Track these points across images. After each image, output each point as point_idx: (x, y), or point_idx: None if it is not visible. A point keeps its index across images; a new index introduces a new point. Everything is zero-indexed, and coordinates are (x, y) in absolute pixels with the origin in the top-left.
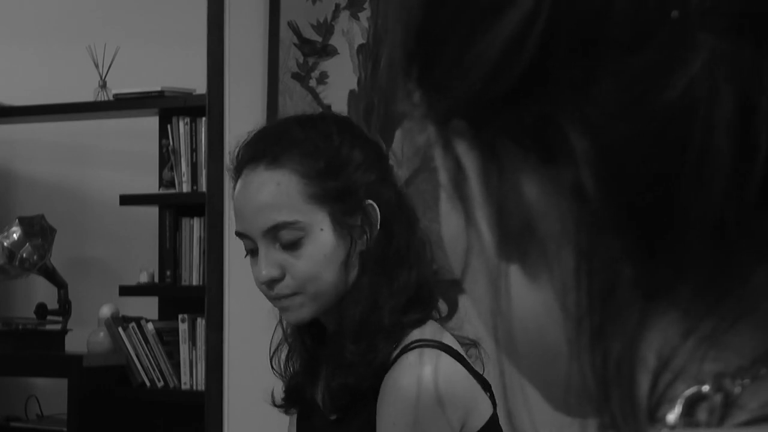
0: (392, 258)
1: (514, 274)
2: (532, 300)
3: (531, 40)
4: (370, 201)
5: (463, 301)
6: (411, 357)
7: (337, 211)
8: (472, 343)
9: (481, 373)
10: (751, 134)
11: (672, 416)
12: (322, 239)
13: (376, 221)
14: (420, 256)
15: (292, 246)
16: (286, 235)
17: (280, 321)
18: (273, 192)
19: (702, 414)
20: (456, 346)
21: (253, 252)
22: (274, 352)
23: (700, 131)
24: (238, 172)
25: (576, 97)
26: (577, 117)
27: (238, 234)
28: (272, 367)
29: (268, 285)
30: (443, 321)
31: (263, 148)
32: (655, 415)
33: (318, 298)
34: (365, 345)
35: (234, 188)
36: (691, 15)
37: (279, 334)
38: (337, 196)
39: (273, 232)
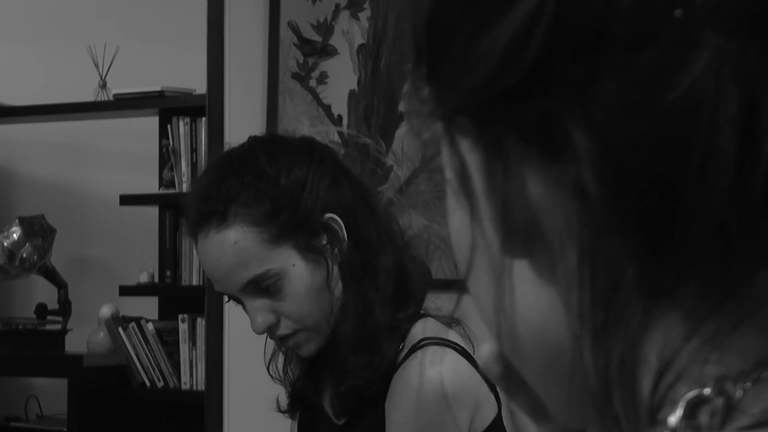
0: (368, 253)
1: (518, 271)
2: (536, 298)
3: (535, 38)
4: (329, 214)
5: (465, 300)
6: (420, 356)
7: (301, 240)
8: (455, 321)
9: (471, 352)
10: (755, 134)
11: (673, 419)
12: (298, 274)
13: (342, 232)
14: (390, 233)
15: (273, 292)
16: (263, 285)
17: None
18: (233, 252)
19: (703, 417)
20: (461, 342)
21: (236, 303)
22: (270, 359)
23: (704, 131)
24: (194, 238)
25: (580, 95)
26: (581, 115)
27: (220, 292)
28: (270, 374)
29: (269, 332)
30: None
31: (207, 210)
32: (656, 416)
33: (318, 328)
34: (367, 351)
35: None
36: (696, 13)
37: (272, 341)
38: (294, 226)
39: (249, 286)
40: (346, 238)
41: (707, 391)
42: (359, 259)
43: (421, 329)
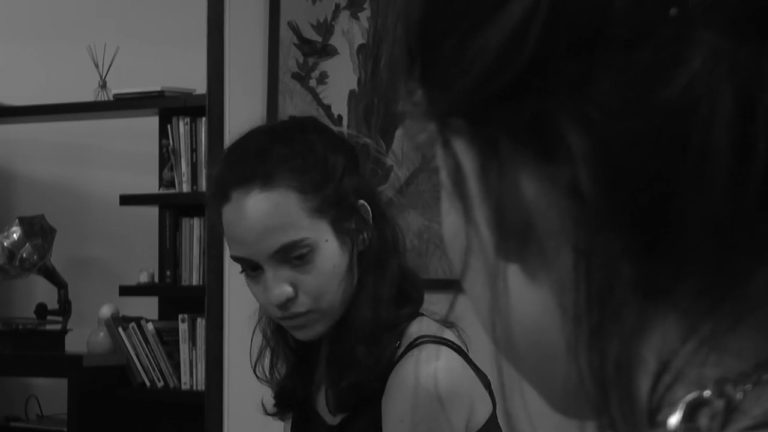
0: (384, 251)
1: (513, 273)
2: (531, 299)
3: (530, 35)
4: (362, 201)
5: (461, 301)
6: (417, 354)
7: (337, 219)
8: (450, 324)
9: (466, 352)
10: (750, 133)
11: (673, 421)
12: (329, 250)
13: (369, 220)
14: (397, 243)
15: (302, 262)
16: (295, 253)
17: (258, 324)
18: (274, 213)
19: (703, 419)
20: (458, 341)
21: (251, 272)
22: (257, 360)
23: (700, 129)
24: (224, 197)
25: (574, 94)
26: (576, 114)
27: (237, 258)
28: (256, 375)
29: (283, 305)
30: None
31: (251, 169)
32: (655, 418)
33: (330, 311)
34: (372, 344)
35: (220, 213)
36: (691, 12)
37: (258, 340)
38: (333, 203)
39: (281, 253)
40: (372, 227)
41: (707, 393)
42: (378, 252)
43: (417, 328)
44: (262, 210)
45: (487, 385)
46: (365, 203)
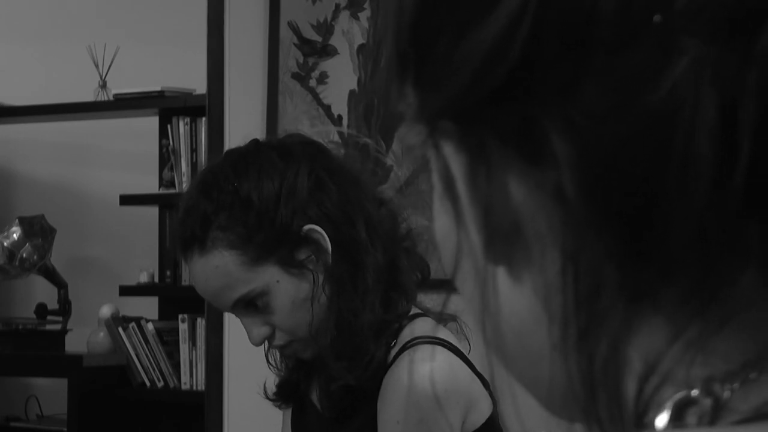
0: (356, 255)
1: (502, 275)
2: (520, 301)
3: (516, 40)
4: (309, 226)
5: (455, 301)
6: (412, 354)
7: (283, 256)
8: (452, 318)
9: (467, 349)
10: (734, 138)
11: (661, 421)
12: (283, 289)
13: (325, 243)
14: (380, 228)
15: (261, 308)
16: (251, 303)
17: None
18: (215, 276)
19: (691, 418)
20: (454, 340)
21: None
22: (268, 349)
23: (683, 135)
24: (182, 259)
25: (560, 99)
26: (561, 118)
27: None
28: (268, 361)
29: (267, 342)
30: (421, 289)
31: (188, 237)
32: (642, 419)
33: (310, 338)
34: (351, 357)
35: None
36: (674, 18)
37: None
38: (273, 244)
39: (238, 305)
40: (330, 249)
41: (695, 392)
42: (346, 265)
43: (414, 328)
44: (205, 275)
45: (486, 383)
46: (314, 227)
